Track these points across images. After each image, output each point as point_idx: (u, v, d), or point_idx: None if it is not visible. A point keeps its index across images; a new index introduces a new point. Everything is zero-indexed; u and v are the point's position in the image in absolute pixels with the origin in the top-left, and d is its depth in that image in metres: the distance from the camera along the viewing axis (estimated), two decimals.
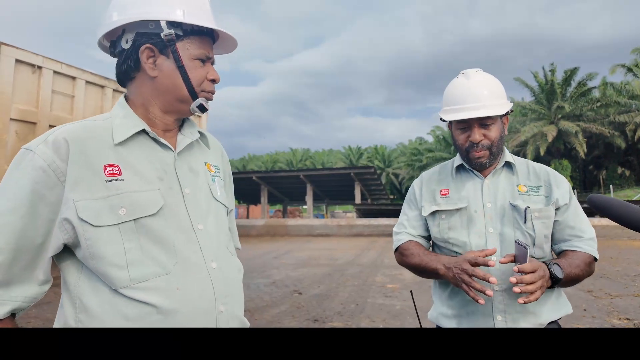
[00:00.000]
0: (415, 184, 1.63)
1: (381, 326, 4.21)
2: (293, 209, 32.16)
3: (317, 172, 21.77)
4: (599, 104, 28.54)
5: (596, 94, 30.88)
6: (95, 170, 0.88)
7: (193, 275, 0.92)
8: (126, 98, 1.04)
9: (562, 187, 1.43)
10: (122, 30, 0.99)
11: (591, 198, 0.99)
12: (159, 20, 0.95)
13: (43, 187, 0.85)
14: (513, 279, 1.16)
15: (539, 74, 31.60)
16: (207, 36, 1.02)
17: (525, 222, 1.37)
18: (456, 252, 1.42)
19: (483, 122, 1.38)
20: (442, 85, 1.52)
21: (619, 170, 33.00)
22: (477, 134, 1.39)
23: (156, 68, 0.98)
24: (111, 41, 1.03)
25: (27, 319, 4.49)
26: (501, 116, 1.42)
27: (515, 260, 1.23)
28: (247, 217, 33.24)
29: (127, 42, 0.98)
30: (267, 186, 21.78)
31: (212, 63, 1.06)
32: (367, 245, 11.00)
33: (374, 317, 4.53)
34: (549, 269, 1.22)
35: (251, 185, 23.66)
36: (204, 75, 1.02)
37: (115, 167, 0.91)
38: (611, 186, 29.91)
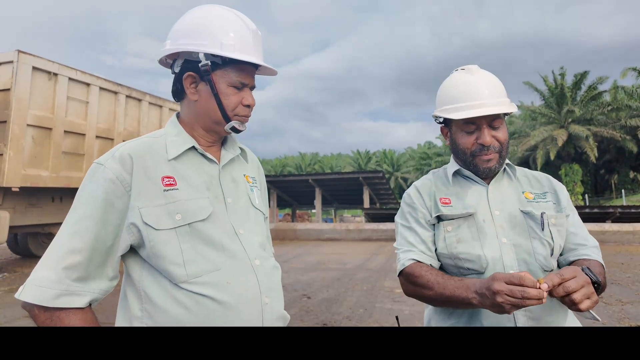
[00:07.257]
0: (412, 194, 1.42)
1: None
2: (302, 212, 32.17)
3: (326, 177, 21.77)
4: (609, 107, 28.23)
5: (607, 97, 30.56)
6: (154, 181, 1.01)
7: (240, 271, 1.04)
8: (177, 115, 1.16)
9: (564, 193, 1.37)
10: (178, 54, 1.10)
11: None
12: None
13: (113, 197, 0.96)
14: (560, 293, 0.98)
15: (549, 77, 31.37)
16: (248, 64, 1.09)
17: (543, 230, 1.25)
18: (469, 269, 1.26)
19: (492, 124, 1.28)
20: None
21: (631, 174, 32.54)
22: (487, 136, 1.27)
23: (196, 93, 1.09)
24: (173, 60, 1.13)
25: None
26: (504, 116, 1.33)
27: None
28: None
29: (177, 67, 1.10)
30: (276, 190, 21.84)
31: (252, 88, 1.14)
32: (375, 249, 10.99)
33: (383, 322, 4.55)
34: (587, 274, 1.03)
35: None
36: (238, 101, 1.10)
37: (171, 178, 1.03)
38: (623, 191, 29.55)
